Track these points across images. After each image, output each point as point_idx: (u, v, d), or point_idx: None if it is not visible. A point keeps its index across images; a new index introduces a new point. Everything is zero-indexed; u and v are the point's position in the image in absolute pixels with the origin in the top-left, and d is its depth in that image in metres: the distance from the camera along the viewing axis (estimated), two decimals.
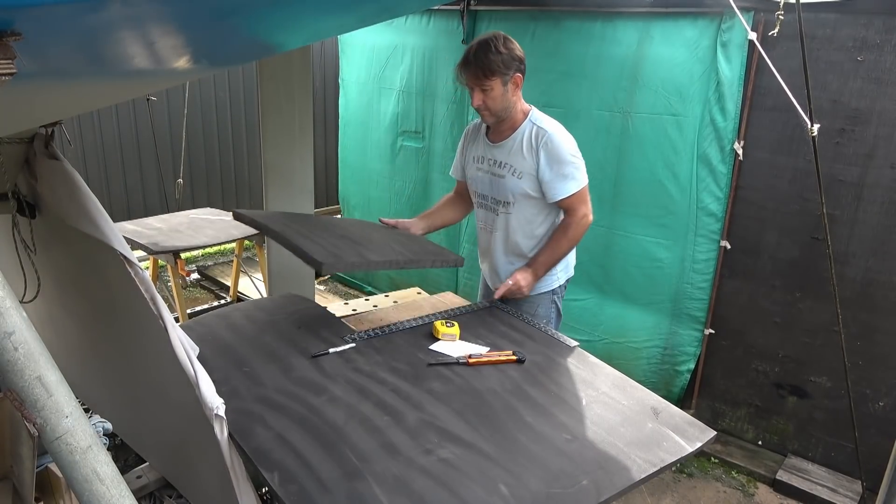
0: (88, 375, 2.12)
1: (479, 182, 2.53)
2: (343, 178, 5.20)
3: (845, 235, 2.91)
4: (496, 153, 2.44)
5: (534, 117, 2.40)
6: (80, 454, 0.93)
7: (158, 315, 1.34)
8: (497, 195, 2.47)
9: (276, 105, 2.93)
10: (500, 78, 2.27)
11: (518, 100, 2.37)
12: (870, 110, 2.77)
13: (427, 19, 4.21)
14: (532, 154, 2.35)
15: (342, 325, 2.20)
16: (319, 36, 3.75)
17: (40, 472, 2.18)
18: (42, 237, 1.73)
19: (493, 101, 2.31)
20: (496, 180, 2.45)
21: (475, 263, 4.25)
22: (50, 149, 1.63)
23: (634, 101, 3.32)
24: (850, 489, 3.00)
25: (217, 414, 1.40)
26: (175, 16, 0.97)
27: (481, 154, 2.51)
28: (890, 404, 2.93)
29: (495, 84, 2.27)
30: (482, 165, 2.51)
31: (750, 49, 2.95)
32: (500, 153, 2.43)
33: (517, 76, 2.31)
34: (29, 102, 1.27)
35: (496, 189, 2.46)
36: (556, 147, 2.32)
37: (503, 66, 2.25)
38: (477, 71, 2.26)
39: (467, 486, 1.44)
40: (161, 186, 5.32)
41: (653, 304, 3.47)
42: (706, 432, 1.73)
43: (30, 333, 0.90)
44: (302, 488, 1.40)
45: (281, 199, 3.05)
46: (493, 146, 2.46)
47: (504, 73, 2.26)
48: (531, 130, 2.37)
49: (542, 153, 2.33)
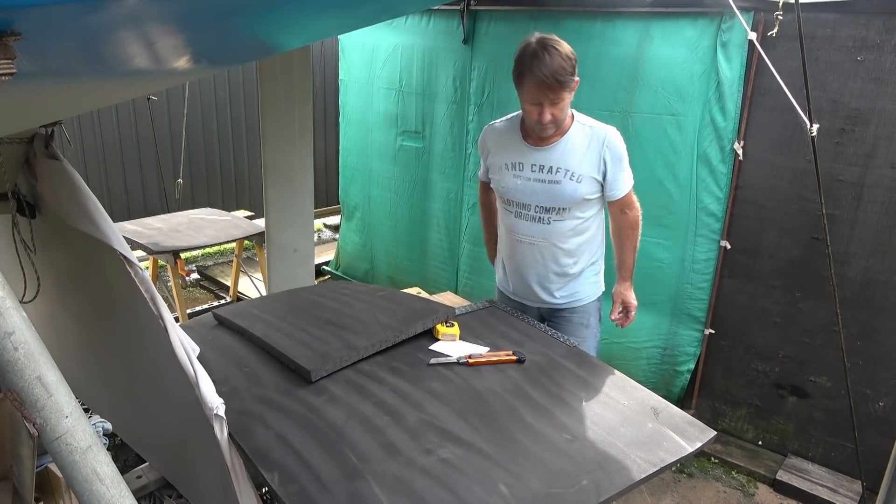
0: (88, 375, 2.12)
1: (519, 191, 2.34)
2: (343, 178, 5.20)
3: (845, 235, 2.91)
4: (546, 157, 2.29)
5: (579, 117, 2.32)
6: (80, 454, 0.93)
7: (158, 315, 1.34)
8: (548, 202, 2.31)
9: (276, 105, 2.93)
10: (569, 89, 2.16)
11: None
12: (870, 110, 2.77)
13: (427, 19, 4.21)
14: (596, 155, 2.25)
15: None
16: (319, 36, 3.75)
17: (40, 472, 2.18)
18: (42, 237, 1.73)
19: (561, 112, 2.20)
20: (549, 187, 2.29)
21: (475, 263, 4.28)
22: (50, 149, 1.63)
23: (634, 102, 3.32)
24: (850, 489, 3.00)
25: (217, 414, 1.40)
26: (175, 16, 0.97)
27: (519, 160, 2.33)
28: (890, 404, 2.93)
29: (565, 96, 2.16)
30: (522, 172, 2.32)
31: (750, 49, 2.95)
32: (552, 157, 2.28)
33: (576, 81, 2.20)
34: (29, 102, 1.27)
35: (548, 196, 2.30)
36: (617, 144, 2.28)
37: (573, 73, 2.14)
38: (555, 87, 2.11)
39: (467, 486, 1.44)
40: (161, 186, 5.33)
41: (653, 305, 3.47)
42: (706, 432, 1.73)
43: (30, 333, 0.90)
44: (302, 488, 1.40)
45: (281, 199, 3.05)
46: (540, 150, 2.30)
47: (573, 80, 2.16)
48: (585, 131, 2.27)
49: (608, 153, 2.25)
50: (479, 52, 3.96)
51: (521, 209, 2.38)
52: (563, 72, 2.10)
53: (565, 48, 2.13)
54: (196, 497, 1.97)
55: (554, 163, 2.27)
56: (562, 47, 2.12)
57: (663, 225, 3.33)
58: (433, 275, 4.57)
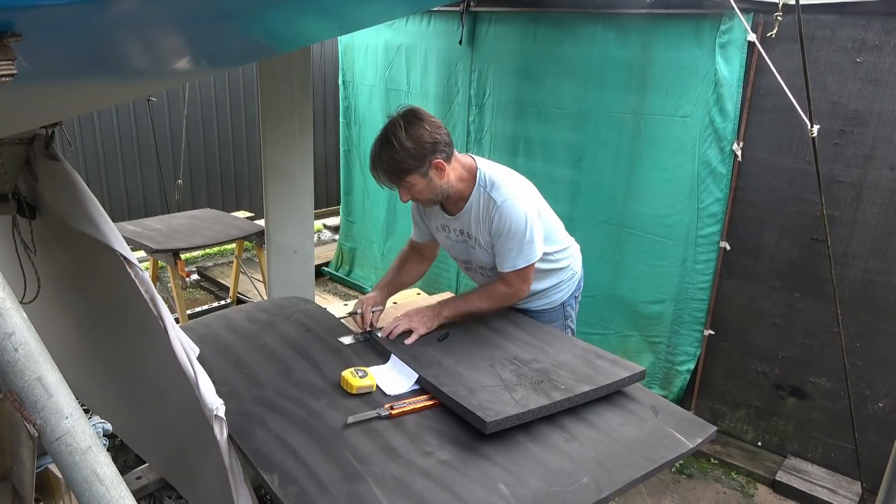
0: (88, 376, 2.12)
1: (454, 249, 2.33)
2: (344, 179, 5.20)
3: (845, 236, 2.91)
4: (458, 224, 2.22)
5: (483, 181, 2.12)
6: (80, 455, 0.93)
7: (158, 315, 1.34)
8: (477, 262, 2.28)
9: (276, 105, 2.93)
10: (415, 174, 2.01)
11: (452, 174, 2.09)
12: (869, 111, 2.77)
13: (427, 20, 4.21)
14: (486, 227, 2.12)
15: (342, 327, 2.20)
16: (320, 37, 3.76)
17: (40, 473, 2.18)
18: (42, 238, 1.73)
19: (420, 195, 2.08)
20: (470, 250, 2.26)
21: None
22: (50, 149, 1.63)
23: (635, 103, 3.32)
24: (849, 490, 3.00)
25: (217, 415, 1.40)
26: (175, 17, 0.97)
27: (444, 223, 2.28)
28: (889, 405, 2.93)
29: (413, 182, 2.02)
30: (450, 234, 2.28)
31: (749, 50, 2.96)
32: (461, 224, 2.21)
33: (436, 162, 2.01)
34: (29, 103, 1.27)
35: (473, 257, 2.27)
36: (505, 220, 2.06)
37: (414, 161, 1.98)
38: (388, 175, 2.02)
39: (467, 486, 1.44)
40: (161, 187, 5.33)
41: (653, 304, 3.48)
42: (706, 429, 1.73)
43: (30, 334, 0.90)
44: (301, 490, 1.40)
45: (281, 199, 3.05)
46: (451, 217, 2.22)
47: (418, 167, 1.99)
48: (482, 199, 2.11)
49: (491, 224, 2.10)
50: (479, 53, 3.97)
51: (465, 265, 2.36)
52: (397, 162, 1.98)
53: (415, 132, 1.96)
54: (195, 498, 1.97)
55: (465, 228, 2.20)
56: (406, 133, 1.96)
57: (666, 225, 3.34)
58: (433, 275, 4.57)
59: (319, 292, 5.11)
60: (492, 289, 2.19)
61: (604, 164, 3.51)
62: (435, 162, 2.02)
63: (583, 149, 3.58)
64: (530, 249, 2.10)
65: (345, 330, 2.17)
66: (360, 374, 1.79)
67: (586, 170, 3.59)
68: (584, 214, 3.61)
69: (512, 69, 3.81)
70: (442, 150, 2.03)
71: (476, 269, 2.33)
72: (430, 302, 2.71)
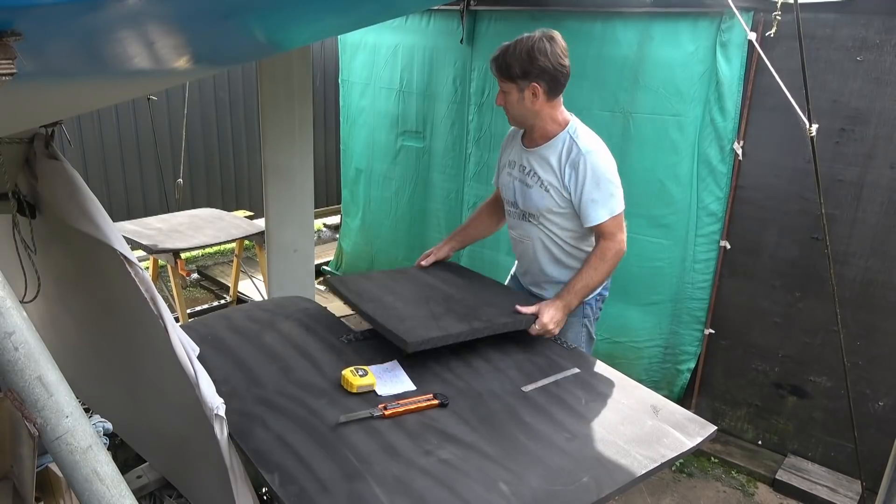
0: (89, 375, 2.12)
1: (508, 188, 2.37)
2: (344, 178, 5.20)
3: (845, 235, 2.91)
4: (528, 159, 2.28)
5: (572, 130, 2.21)
6: (81, 454, 0.93)
7: (158, 315, 1.34)
8: (525, 205, 2.30)
9: (276, 105, 2.93)
10: (515, 84, 2.13)
11: (547, 109, 2.18)
12: (869, 110, 2.77)
13: (427, 19, 4.21)
14: (560, 170, 2.17)
15: (342, 325, 2.20)
16: (319, 36, 3.75)
17: (40, 472, 2.18)
18: (42, 237, 1.73)
19: (510, 105, 2.19)
20: (524, 189, 2.29)
21: (475, 263, 4.28)
22: (50, 149, 1.63)
23: (635, 102, 3.32)
24: (849, 489, 3.00)
25: (217, 414, 1.40)
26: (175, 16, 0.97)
27: (514, 158, 2.35)
28: (890, 404, 2.93)
29: (510, 88, 2.15)
30: (513, 171, 2.34)
31: (750, 49, 2.96)
32: (531, 160, 2.26)
33: (534, 86, 2.11)
34: (29, 102, 1.27)
35: (524, 198, 2.30)
36: (591, 169, 2.13)
37: (520, 71, 2.10)
38: (494, 68, 2.16)
39: (468, 485, 1.44)
40: (161, 186, 5.32)
41: (654, 304, 3.47)
42: (707, 427, 1.73)
43: (30, 333, 0.90)
44: (302, 489, 1.40)
45: (281, 199, 3.05)
46: (525, 151, 2.29)
47: (519, 78, 2.11)
48: (566, 144, 2.18)
49: (574, 174, 2.14)
50: (479, 52, 3.97)
51: (510, 206, 2.39)
52: (508, 64, 2.10)
53: (540, 49, 2.08)
54: (196, 497, 1.98)
55: (531, 166, 2.26)
56: (536, 47, 2.08)
57: (664, 225, 3.34)
58: None
59: (319, 291, 5.11)
60: (596, 253, 2.19)
61: None
62: (532, 84, 2.11)
63: None
64: (618, 197, 2.16)
65: (345, 329, 2.17)
66: (360, 373, 1.78)
67: None
68: None
69: None
70: (546, 82, 2.12)
71: (518, 214, 2.35)
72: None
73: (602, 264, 2.18)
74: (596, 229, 2.19)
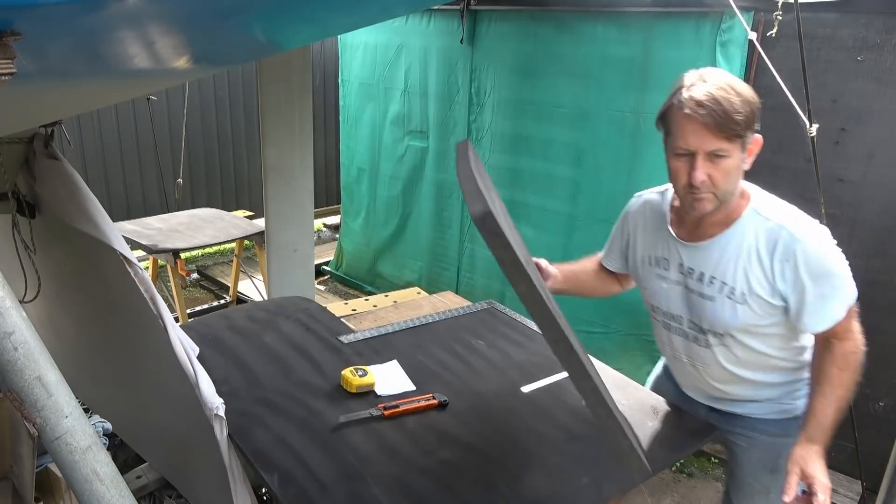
0: (88, 375, 2.12)
1: (664, 297, 1.69)
2: (344, 178, 5.20)
3: (845, 235, 2.90)
4: (694, 258, 1.61)
5: (758, 206, 1.57)
6: (80, 454, 0.93)
7: (158, 315, 1.34)
8: (701, 321, 1.63)
9: (276, 105, 2.93)
10: (740, 140, 1.45)
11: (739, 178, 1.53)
12: (870, 110, 2.77)
13: (427, 19, 4.21)
14: (770, 270, 1.52)
15: (342, 325, 2.20)
16: (319, 36, 3.75)
17: (40, 472, 2.18)
18: (42, 237, 1.73)
19: (724, 177, 1.48)
20: (697, 301, 1.62)
21: (475, 262, 4.28)
22: (50, 149, 1.63)
23: (645, 102, 3.31)
24: (850, 489, 3.00)
25: (217, 414, 1.40)
26: (175, 16, 0.97)
27: (663, 255, 1.68)
28: (890, 404, 2.93)
29: (733, 150, 1.46)
30: (668, 273, 1.67)
31: (750, 49, 2.95)
32: (702, 260, 1.60)
33: (756, 139, 1.52)
34: (29, 102, 1.27)
35: (698, 313, 1.63)
36: (815, 257, 1.50)
37: (749, 119, 1.45)
38: (710, 126, 1.43)
39: (468, 486, 1.44)
40: (161, 186, 5.32)
41: None
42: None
43: (30, 333, 0.90)
44: (301, 490, 1.40)
45: (281, 199, 3.05)
46: (689, 246, 1.62)
47: (747, 130, 1.46)
48: (762, 228, 1.53)
49: (795, 270, 1.50)
50: (479, 51, 3.97)
51: (669, 320, 1.72)
52: (731, 110, 1.42)
53: (743, 88, 1.47)
54: (195, 497, 1.98)
55: (706, 269, 1.59)
56: (738, 85, 1.47)
57: None
58: (434, 274, 4.58)
59: (319, 292, 5.11)
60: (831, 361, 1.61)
61: (604, 163, 3.51)
62: (755, 138, 1.50)
63: (583, 148, 3.57)
64: (850, 282, 1.56)
65: (345, 329, 2.17)
66: (360, 373, 1.78)
67: (587, 169, 3.59)
68: (585, 213, 3.60)
69: (512, 68, 3.81)
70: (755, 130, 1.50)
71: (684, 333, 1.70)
72: (431, 300, 2.69)
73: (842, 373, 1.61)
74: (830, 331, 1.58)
